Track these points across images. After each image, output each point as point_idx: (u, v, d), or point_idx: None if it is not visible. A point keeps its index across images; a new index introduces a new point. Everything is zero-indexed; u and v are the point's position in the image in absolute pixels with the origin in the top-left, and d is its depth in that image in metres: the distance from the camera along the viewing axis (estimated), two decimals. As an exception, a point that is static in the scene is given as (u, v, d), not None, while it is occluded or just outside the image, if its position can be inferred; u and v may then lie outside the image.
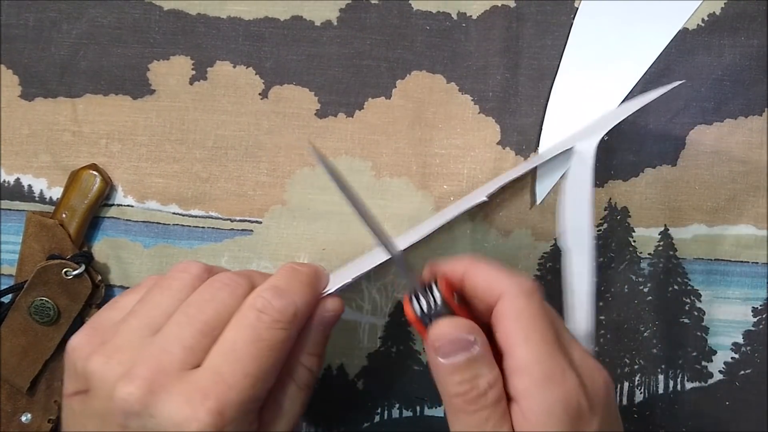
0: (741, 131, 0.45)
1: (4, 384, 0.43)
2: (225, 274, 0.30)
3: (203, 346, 0.26)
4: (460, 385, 0.27)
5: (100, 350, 0.27)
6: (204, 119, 0.45)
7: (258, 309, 0.27)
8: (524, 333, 0.27)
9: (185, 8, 0.45)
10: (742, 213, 0.45)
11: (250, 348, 0.26)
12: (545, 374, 0.27)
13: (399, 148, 0.45)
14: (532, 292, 0.29)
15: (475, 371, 0.27)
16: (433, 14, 0.45)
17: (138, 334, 0.27)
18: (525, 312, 0.28)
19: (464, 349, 0.28)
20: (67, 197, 0.43)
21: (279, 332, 0.27)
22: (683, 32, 0.45)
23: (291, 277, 0.30)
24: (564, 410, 0.26)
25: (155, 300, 0.28)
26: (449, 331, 0.28)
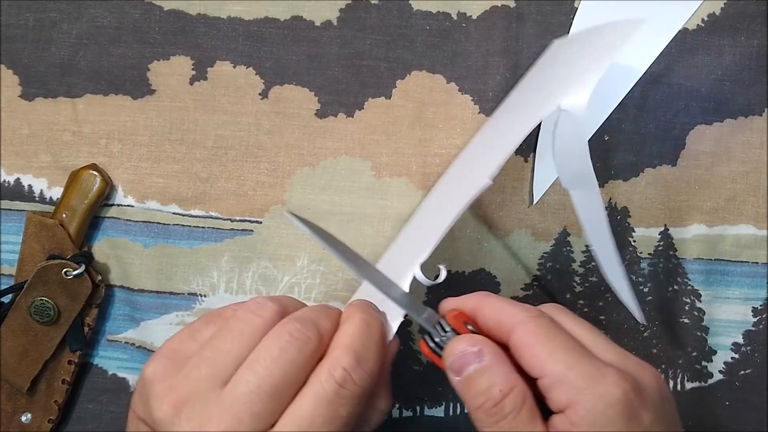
0: (741, 131, 0.45)
1: (4, 384, 0.43)
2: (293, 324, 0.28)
3: (272, 411, 0.26)
4: (476, 398, 0.28)
5: (170, 397, 0.26)
6: (204, 119, 0.45)
7: (338, 381, 0.26)
8: (546, 350, 0.27)
9: (185, 8, 0.45)
10: (742, 213, 0.45)
11: (327, 426, 0.25)
12: (583, 377, 0.27)
13: (399, 148, 0.45)
14: (540, 316, 0.29)
15: (488, 381, 0.27)
16: (433, 14, 0.45)
17: (207, 384, 0.26)
18: (539, 333, 0.28)
19: (472, 362, 0.28)
20: (68, 197, 0.43)
21: (355, 407, 0.26)
22: (683, 32, 0.45)
23: (367, 337, 0.28)
24: (609, 405, 0.26)
25: (225, 347, 0.28)
26: (455, 347, 0.29)
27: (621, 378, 0.27)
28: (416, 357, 0.45)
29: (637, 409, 0.26)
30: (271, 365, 0.26)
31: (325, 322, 0.29)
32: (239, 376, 0.26)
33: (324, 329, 0.29)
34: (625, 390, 0.26)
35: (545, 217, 0.45)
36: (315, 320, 0.29)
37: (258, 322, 0.28)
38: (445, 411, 0.45)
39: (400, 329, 0.44)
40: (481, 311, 0.30)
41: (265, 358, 0.27)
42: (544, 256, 0.45)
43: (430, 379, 0.45)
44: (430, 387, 0.45)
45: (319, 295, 0.44)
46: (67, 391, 0.44)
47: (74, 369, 0.44)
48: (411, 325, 0.45)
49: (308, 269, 0.45)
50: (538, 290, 0.45)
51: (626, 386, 0.26)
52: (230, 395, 0.26)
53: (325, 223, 0.45)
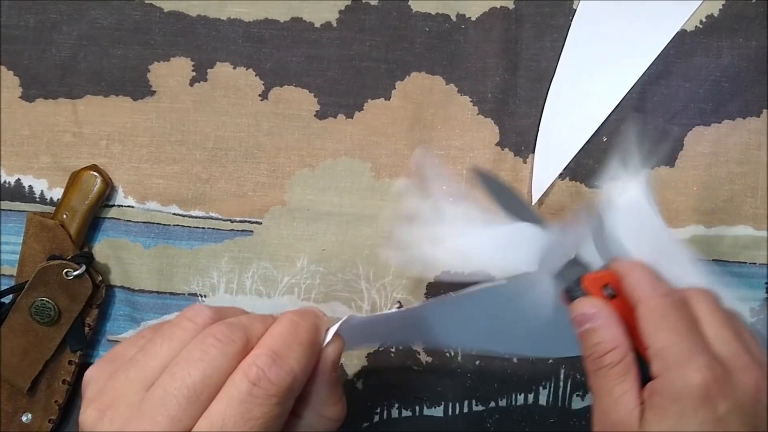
0: (739, 132, 0.45)
1: (5, 384, 0.43)
2: (219, 327, 0.28)
3: (190, 414, 0.25)
4: (586, 349, 0.32)
5: (97, 401, 0.27)
6: (204, 120, 0.45)
7: (251, 381, 0.26)
8: (655, 326, 0.31)
9: (185, 10, 0.45)
10: (740, 214, 0.45)
11: (239, 427, 0.25)
12: (675, 357, 0.30)
13: (398, 149, 0.45)
14: (666, 294, 0.32)
15: (597, 338, 0.32)
16: (433, 16, 0.45)
17: (132, 387, 0.26)
18: (657, 310, 0.31)
19: (588, 321, 0.32)
20: (68, 198, 0.43)
21: (273, 408, 0.26)
22: (681, 33, 0.45)
23: (290, 336, 0.28)
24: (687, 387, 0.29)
25: (154, 350, 0.28)
26: (578, 305, 0.33)
27: (707, 367, 0.29)
28: (415, 357, 0.45)
29: (713, 397, 0.29)
30: (190, 367, 0.26)
31: (257, 326, 0.29)
32: (160, 380, 0.26)
33: (254, 332, 0.28)
34: (705, 378, 0.29)
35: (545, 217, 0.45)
36: (246, 325, 0.28)
37: (190, 327, 0.28)
38: (444, 411, 0.45)
39: (399, 330, 0.45)
40: (626, 278, 0.33)
41: (186, 360, 0.26)
42: (542, 256, 0.45)
43: (429, 379, 0.45)
44: (430, 387, 0.45)
45: (319, 296, 0.45)
46: (67, 392, 0.44)
47: (75, 369, 0.44)
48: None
49: (308, 270, 0.45)
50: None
51: (708, 375, 0.29)
52: (149, 398, 0.26)
53: (324, 224, 0.45)
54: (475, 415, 0.45)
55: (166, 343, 0.28)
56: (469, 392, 0.45)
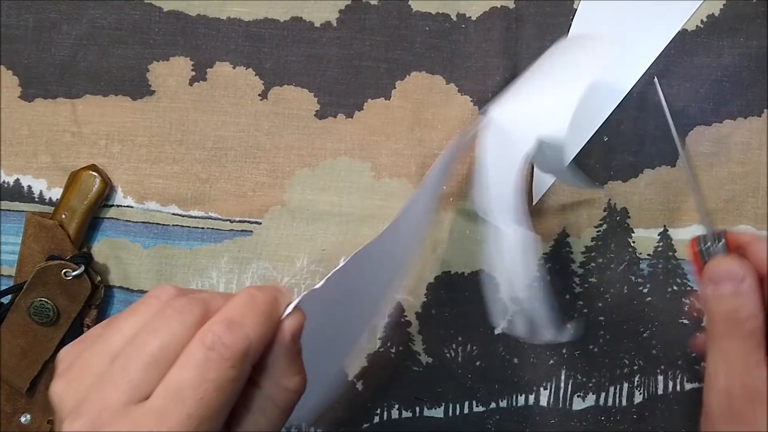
0: (740, 132, 0.45)
1: (4, 384, 0.43)
2: (179, 300, 0.29)
3: (150, 379, 0.26)
4: (723, 311, 0.31)
5: (65, 374, 0.28)
6: (204, 120, 0.45)
7: (207, 345, 0.26)
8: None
9: (185, 9, 0.45)
10: (741, 214, 0.45)
11: (195, 389, 0.26)
12: None
13: (398, 148, 0.45)
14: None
15: (738, 303, 0.31)
16: (433, 15, 0.45)
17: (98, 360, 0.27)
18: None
19: (732, 281, 0.32)
20: (67, 198, 0.43)
21: (228, 371, 0.26)
22: (682, 33, 0.45)
23: (246, 306, 0.29)
24: None
25: (119, 325, 0.29)
26: (724, 264, 0.32)
27: None
28: (416, 358, 0.45)
29: None
30: (150, 336, 0.27)
31: (217, 300, 0.29)
32: (122, 350, 0.27)
33: (213, 306, 0.29)
34: None
35: (545, 218, 0.45)
36: (206, 299, 0.29)
37: (154, 303, 0.29)
38: (444, 412, 0.45)
39: (399, 330, 0.45)
40: (751, 247, 0.33)
41: (147, 330, 0.27)
42: (543, 256, 0.45)
43: (429, 380, 0.45)
44: (430, 388, 0.45)
45: (319, 296, 0.44)
46: (66, 392, 0.44)
47: (73, 370, 0.44)
48: (410, 326, 0.45)
49: (308, 270, 0.45)
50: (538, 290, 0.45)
51: None
52: (112, 367, 0.27)
53: (324, 224, 0.45)
54: (475, 416, 0.45)
55: (131, 319, 0.29)
56: (470, 393, 0.45)
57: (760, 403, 0.30)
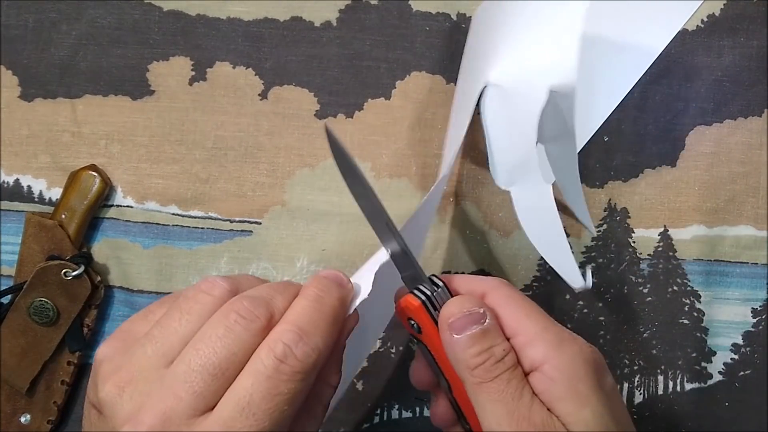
0: (740, 132, 0.45)
1: (4, 385, 0.43)
2: (242, 302, 0.27)
3: (214, 390, 0.25)
4: (478, 356, 0.29)
5: (114, 377, 0.26)
6: (203, 120, 0.45)
7: (278, 357, 0.25)
8: (524, 311, 0.30)
9: (185, 9, 0.45)
10: (742, 214, 0.45)
11: (266, 403, 0.25)
12: (557, 337, 0.29)
13: (398, 149, 0.45)
14: (507, 283, 0.32)
15: (490, 341, 0.29)
16: (433, 15, 0.45)
17: (151, 363, 0.26)
18: (515, 296, 0.30)
19: (477, 322, 0.29)
20: (67, 198, 0.43)
21: (298, 384, 0.25)
22: (683, 33, 0.45)
23: (315, 312, 0.27)
24: (585, 361, 0.28)
25: (172, 326, 0.27)
26: (461, 307, 0.29)
27: (587, 343, 0.29)
28: (416, 358, 0.45)
29: (603, 371, 0.29)
30: (215, 344, 0.26)
31: (279, 300, 0.28)
32: (182, 355, 0.26)
33: (276, 307, 0.28)
34: (594, 351, 0.29)
35: (545, 217, 0.45)
36: (267, 298, 0.28)
37: (208, 301, 0.28)
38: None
39: (399, 331, 0.45)
40: (452, 284, 0.31)
41: (210, 336, 0.26)
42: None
43: (429, 380, 0.45)
44: (430, 388, 0.45)
45: (319, 296, 0.44)
46: (66, 392, 0.44)
47: (73, 370, 0.43)
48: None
49: (308, 270, 0.45)
50: (538, 291, 0.45)
51: (594, 350, 0.29)
52: (172, 374, 0.25)
53: (324, 224, 0.45)
54: (475, 416, 0.45)
55: (185, 318, 0.27)
56: (470, 393, 0.45)
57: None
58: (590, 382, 0.28)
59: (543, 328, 0.29)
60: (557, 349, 0.28)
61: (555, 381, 0.28)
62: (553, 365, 0.28)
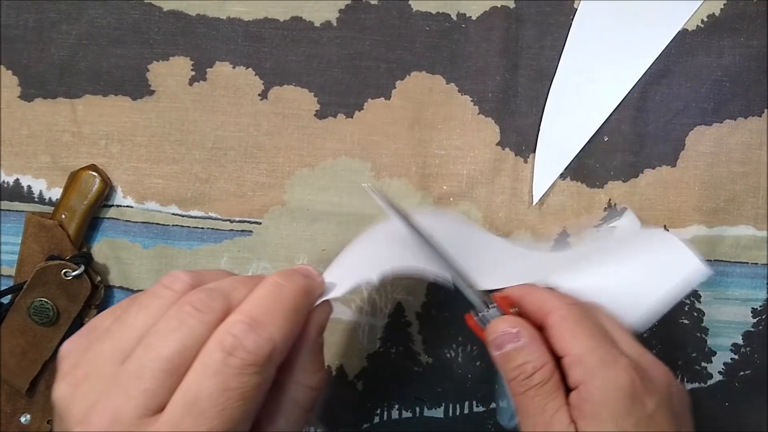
0: (740, 132, 0.45)
1: (4, 385, 0.43)
2: (198, 294, 0.26)
3: (166, 387, 0.24)
4: (513, 371, 0.31)
5: (70, 375, 0.25)
6: (203, 120, 0.45)
7: (226, 350, 0.24)
8: (571, 332, 0.31)
9: (185, 9, 0.45)
10: (742, 214, 0.45)
11: (215, 400, 0.23)
12: (598, 360, 0.30)
13: (398, 148, 0.45)
14: (575, 304, 0.33)
15: (523, 358, 0.31)
16: (433, 15, 0.45)
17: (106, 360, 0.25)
18: (569, 317, 0.32)
19: (511, 340, 0.32)
20: (67, 198, 0.43)
21: (251, 377, 0.24)
22: (683, 33, 0.45)
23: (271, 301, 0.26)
24: (617, 388, 0.29)
25: (130, 321, 0.26)
26: (498, 327, 0.32)
27: (631, 367, 0.30)
28: (416, 358, 0.45)
29: (641, 395, 0.30)
30: (166, 338, 0.24)
31: (240, 291, 0.27)
32: (136, 351, 0.25)
33: (236, 299, 0.26)
34: (632, 377, 0.30)
35: (545, 217, 0.45)
36: (228, 290, 0.27)
37: (167, 295, 0.26)
38: (444, 412, 0.45)
39: (399, 330, 0.45)
40: (525, 298, 0.34)
41: (163, 330, 0.25)
42: (543, 256, 0.45)
43: (429, 380, 0.45)
44: (430, 388, 0.45)
45: (319, 296, 0.44)
46: (66, 392, 0.44)
47: (73, 370, 0.43)
48: (410, 326, 0.45)
49: (308, 270, 0.45)
50: (538, 291, 0.45)
51: (634, 374, 0.30)
52: (125, 371, 0.24)
53: (324, 224, 0.45)
54: (475, 416, 0.45)
55: (142, 313, 0.26)
56: (470, 393, 0.45)
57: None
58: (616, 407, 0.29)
59: (587, 350, 0.30)
60: (594, 372, 0.30)
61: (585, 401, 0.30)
62: (587, 388, 0.30)
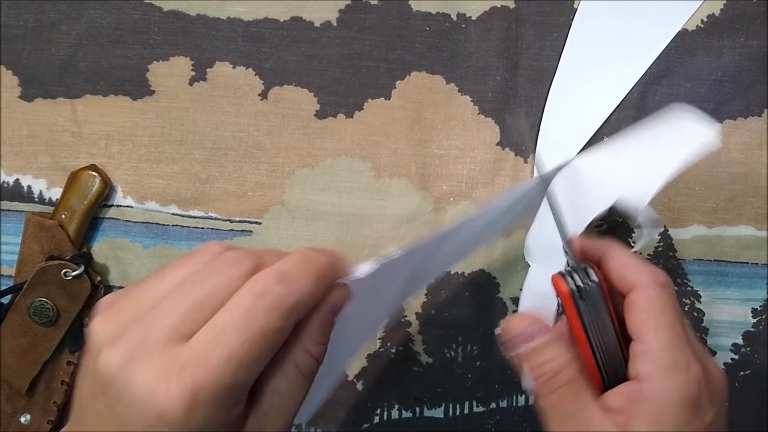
0: (740, 132, 0.45)
1: (4, 385, 0.43)
2: (233, 251, 0.28)
3: (194, 320, 0.26)
4: (533, 370, 0.30)
5: (104, 313, 0.27)
6: (203, 120, 0.45)
7: (256, 292, 0.26)
8: (654, 322, 0.29)
9: (185, 9, 0.45)
10: (742, 214, 0.45)
11: (239, 332, 0.25)
12: (671, 362, 0.29)
13: (398, 148, 0.45)
14: (665, 285, 0.31)
15: (544, 357, 0.30)
16: (433, 15, 0.45)
17: (142, 303, 0.27)
18: (656, 302, 0.30)
19: (527, 341, 0.31)
20: (67, 198, 0.43)
21: (274, 320, 0.26)
22: (682, 33, 0.45)
23: (303, 264, 0.28)
24: (684, 397, 0.28)
25: (168, 275, 0.28)
26: (514, 325, 0.31)
27: (702, 374, 0.29)
28: (416, 358, 0.45)
29: (704, 407, 0.29)
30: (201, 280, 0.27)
31: (271, 256, 0.28)
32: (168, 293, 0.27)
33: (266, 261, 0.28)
34: (700, 387, 0.29)
35: (545, 217, 0.45)
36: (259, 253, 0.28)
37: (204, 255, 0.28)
38: (444, 412, 0.45)
39: (399, 330, 0.45)
40: (608, 263, 0.32)
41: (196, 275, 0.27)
42: (543, 256, 0.45)
43: (429, 380, 0.45)
44: (430, 388, 0.45)
45: (319, 296, 0.44)
46: (66, 392, 0.44)
47: (73, 370, 0.43)
48: (410, 326, 0.45)
49: (308, 270, 0.45)
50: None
51: (703, 384, 0.29)
52: (156, 308, 0.26)
53: (324, 224, 0.45)
54: (475, 416, 0.45)
55: (180, 269, 0.28)
56: (470, 393, 0.45)
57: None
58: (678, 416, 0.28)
59: (663, 346, 0.29)
60: (663, 373, 0.28)
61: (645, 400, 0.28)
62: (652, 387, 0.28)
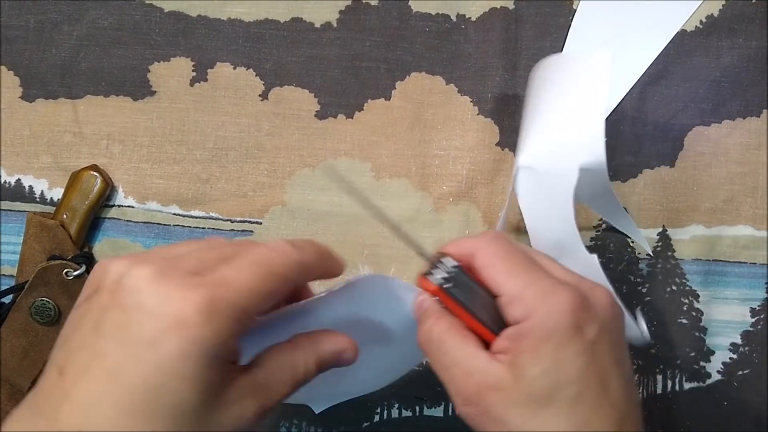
0: (739, 133, 0.45)
1: (5, 384, 0.43)
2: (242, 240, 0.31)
3: (213, 257, 0.28)
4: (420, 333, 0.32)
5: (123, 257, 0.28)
6: (204, 120, 0.45)
7: (270, 247, 0.29)
8: (503, 270, 0.30)
9: (186, 10, 0.45)
10: (740, 214, 0.45)
11: (255, 266, 0.27)
12: (536, 295, 0.29)
13: (398, 149, 0.45)
14: (498, 237, 0.32)
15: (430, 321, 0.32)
16: (433, 16, 0.45)
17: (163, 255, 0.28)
18: (497, 254, 0.31)
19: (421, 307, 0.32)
20: (68, 198, 0.43)
21: (283, 267, 0.28)
22: (681, 34, 0.45)
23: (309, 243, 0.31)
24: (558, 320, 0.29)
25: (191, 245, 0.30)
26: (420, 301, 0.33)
27: (571, 294, 0.29)
28: (415, 357, 0.45)
29: (582, 323, 0.29)
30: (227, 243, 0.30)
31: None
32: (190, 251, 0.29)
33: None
34: (573, 305, 0.29)
35: (544, 217, 0.45)
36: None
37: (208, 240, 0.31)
38: (444, 411, 0.45)
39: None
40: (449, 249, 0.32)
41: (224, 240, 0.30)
42: (543, 256, 0.45)
43: (429, 379, 0.45)
44: (430, 387, 0.45)
45: (319, 296, 0.45)
46: (67, 392, 0.44)
47: (75, 369, 0.44)
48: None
49: (308, 270, 0.45)
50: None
51: (575, 302, 0.29)
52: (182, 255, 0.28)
53: (324, 224, 0.45)
54: (475, 415, 0.45)
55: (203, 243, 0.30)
56: (470, 392, 0.45)
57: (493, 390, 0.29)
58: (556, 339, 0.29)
59: (524, 286, 0.29)
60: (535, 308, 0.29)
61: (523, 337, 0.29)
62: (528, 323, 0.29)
